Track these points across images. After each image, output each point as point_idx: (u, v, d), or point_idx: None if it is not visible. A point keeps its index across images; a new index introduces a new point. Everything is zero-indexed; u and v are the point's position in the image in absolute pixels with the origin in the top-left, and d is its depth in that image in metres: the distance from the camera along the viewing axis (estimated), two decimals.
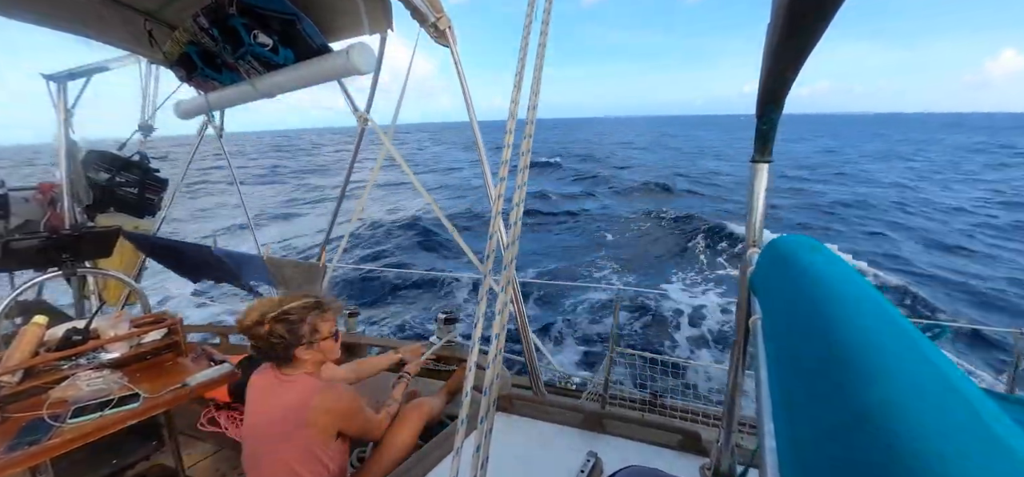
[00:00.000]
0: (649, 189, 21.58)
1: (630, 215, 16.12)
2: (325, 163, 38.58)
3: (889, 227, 13.59)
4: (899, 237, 12.55)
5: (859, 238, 12.75)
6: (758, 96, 0.74)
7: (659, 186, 22.02)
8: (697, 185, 22.60)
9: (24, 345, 1.67)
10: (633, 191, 21.42)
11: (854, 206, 16.97)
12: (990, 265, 10.15)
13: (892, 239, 12.38)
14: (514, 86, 0.83)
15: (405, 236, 13.38)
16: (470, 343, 0.78)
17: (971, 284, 9.01)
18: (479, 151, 2.19)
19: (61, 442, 1.40)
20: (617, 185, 23.04)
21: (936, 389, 0.28)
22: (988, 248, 11.44)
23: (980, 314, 7.87)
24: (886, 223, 14.14)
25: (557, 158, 35.37)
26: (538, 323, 7.65)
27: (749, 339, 0.70)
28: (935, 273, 9.70)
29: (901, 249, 11.46)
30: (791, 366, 0.45)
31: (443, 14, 2.01)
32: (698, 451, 1.50)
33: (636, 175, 25.81)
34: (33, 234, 2.89)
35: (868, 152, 41.15)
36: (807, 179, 23.89)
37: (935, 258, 10.80)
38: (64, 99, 3.18)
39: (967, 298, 8.46)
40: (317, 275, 3.05)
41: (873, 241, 12.37)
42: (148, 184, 3.76)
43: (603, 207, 18.23)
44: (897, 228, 13.51)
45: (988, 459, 0.23)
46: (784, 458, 0.42)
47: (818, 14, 0.47)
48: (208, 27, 2.33)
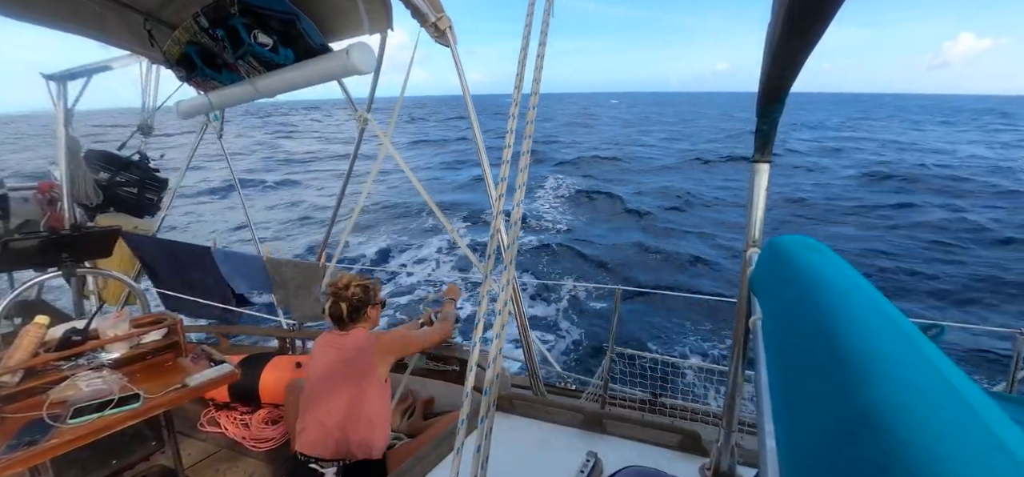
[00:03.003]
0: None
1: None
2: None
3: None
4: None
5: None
6: (758, 95, 0.74)
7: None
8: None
9: (25, 345, 1.67)
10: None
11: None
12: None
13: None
14: (515, 87, 0.83)
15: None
16: (470, 343, 0.79)
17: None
18: (480, 153, 2.19)
19: (61, 442, 1.40)
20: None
21: (936, 389, 0.28)
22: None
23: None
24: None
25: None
26: (537, 322, 7.65)
27: (749, 339, 0.70)
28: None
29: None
30: (791, 366, 0.45)
31: (443, 14, 2.01)
32: (698, 451, 1.50)
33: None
34: (33, 234, 2.89)
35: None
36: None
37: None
38: (64, 99, 3.17)
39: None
40: (316, 275, 3.05)
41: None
42: (148, 184, 3.77)
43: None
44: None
45: (987, 459, 0.23)
46: (784, 458, 0.42)
47: (818, 15, 0.47)
48: (208, 27, 2.33)
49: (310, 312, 3.12)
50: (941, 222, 12.62)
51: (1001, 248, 10.68)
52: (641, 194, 17.07)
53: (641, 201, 15.77)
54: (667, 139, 36.71)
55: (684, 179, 20.02)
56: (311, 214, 15.23)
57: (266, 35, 2.29)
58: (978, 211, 13.53)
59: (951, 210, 13.73)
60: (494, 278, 0.84)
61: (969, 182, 17.34)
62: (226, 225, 13.98)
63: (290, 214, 15.73)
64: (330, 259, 3.09)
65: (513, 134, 0.83)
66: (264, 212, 15.70)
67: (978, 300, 8.23)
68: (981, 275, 9.15)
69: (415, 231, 13.03)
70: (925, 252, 10.55)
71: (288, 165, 25.43)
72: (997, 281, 8.86)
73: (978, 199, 15.07)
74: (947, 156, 24.30)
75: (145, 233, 3.61)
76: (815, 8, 0.47)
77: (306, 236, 12.85)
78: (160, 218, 3.73)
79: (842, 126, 45.47)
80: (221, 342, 3.47)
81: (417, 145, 34.75)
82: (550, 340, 7.28)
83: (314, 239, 11.95)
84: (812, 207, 14.83)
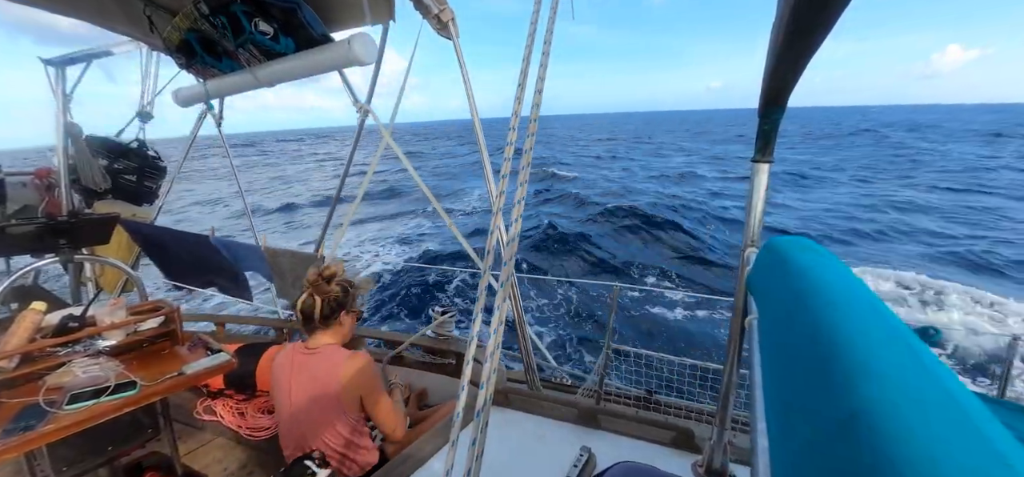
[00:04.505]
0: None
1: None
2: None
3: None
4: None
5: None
6: (760, 96, 0.74)
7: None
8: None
9: (22, 331, 1.67)
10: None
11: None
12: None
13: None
14: (518, 84, 0.83)
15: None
16: (468, 338, 0.79)
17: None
18: (481, 149, 2.18)
19: (57, 428, 1.40)
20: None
21: (927, 391, 0.29)
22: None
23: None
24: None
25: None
26: (534, 318, 7.67)
27: (744, 338, 0.71)
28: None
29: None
30: (785, 366, 0.45)
31: (446, 6, 2.00)
32: (691, 448, 1.52)
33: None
34: (30, 219, 2.88)
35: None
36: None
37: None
38: (62, 84, 3.15)
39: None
40: (313, 266, 3.05)
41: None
42: (147, 171, 3.75)
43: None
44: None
45: (977, 462, 0.24)
46: (776, 457, 0.42)
47: (821, 19, 0.48)
48: (209, 13, 2.31)
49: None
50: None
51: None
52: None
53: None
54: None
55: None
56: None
57: (267, 23, 2.27)
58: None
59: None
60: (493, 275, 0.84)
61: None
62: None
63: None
64: (327, 251, 3.08)
65: (515, 132, 0.83)
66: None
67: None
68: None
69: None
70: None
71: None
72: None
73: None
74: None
75: (143, 220, 3.60)
76: (818, 15, 0.47)
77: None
78: (158, 206, 3.72)
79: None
80: (218, 330, 3.47)
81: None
82: (547, 336, 7.30)
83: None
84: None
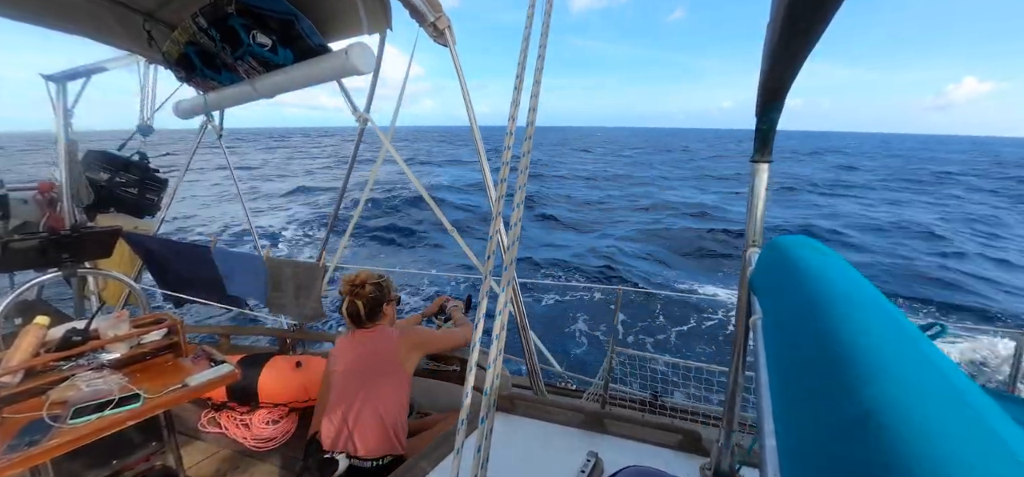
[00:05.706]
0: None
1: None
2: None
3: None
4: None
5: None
6: (758, 96, 0.74)
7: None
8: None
9: (25, 345, 1.67)
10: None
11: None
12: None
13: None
14: (515, 87, 0.83)
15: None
16: (471, 343, 0.79)
17: None
18: (479, 152, 2.19)
19: (61, 443, 1.39)
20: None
21: (936, 389, 0.28)
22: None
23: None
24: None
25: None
26: (538, 322, 7.65)
27: (749, 339, 0.70)
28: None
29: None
30: (791, 366, 0.45)
31: (442, 14, 2.01)
32: (698, 451, 1.50)
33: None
34: (33, 234, 2.89)
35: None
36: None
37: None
38: (63, 99, 3.17)
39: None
40: (317, 275, 3.05)
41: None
42: (148, 184, 3.77)
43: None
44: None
45: (988, 459, 0.23)
46: (784, 458, 0.42)
47: (817, 16, 0.47)
48: (207, 27, 2.32)
49: (311, 312, 3.12)
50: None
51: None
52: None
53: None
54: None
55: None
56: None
57: (265, 35, 2.29)
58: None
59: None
60: (494, 279, 0.84)
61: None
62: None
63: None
64: (330, 260, 3.09)
65: (512, 137, 0.83)
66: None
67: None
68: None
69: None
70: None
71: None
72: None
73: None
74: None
75: (145, 233, 3.62)
76: (814, 9, 0.47)
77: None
78: (160, 218, 3.73)
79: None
80: (221, 342, 3.46)
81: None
82: (551, 340, 7.28)
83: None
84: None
